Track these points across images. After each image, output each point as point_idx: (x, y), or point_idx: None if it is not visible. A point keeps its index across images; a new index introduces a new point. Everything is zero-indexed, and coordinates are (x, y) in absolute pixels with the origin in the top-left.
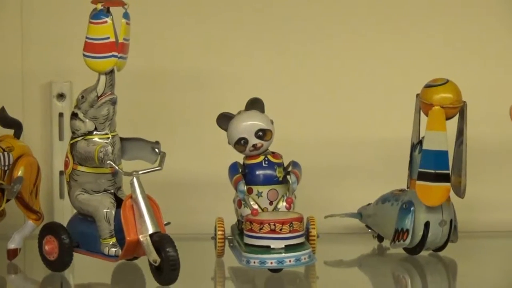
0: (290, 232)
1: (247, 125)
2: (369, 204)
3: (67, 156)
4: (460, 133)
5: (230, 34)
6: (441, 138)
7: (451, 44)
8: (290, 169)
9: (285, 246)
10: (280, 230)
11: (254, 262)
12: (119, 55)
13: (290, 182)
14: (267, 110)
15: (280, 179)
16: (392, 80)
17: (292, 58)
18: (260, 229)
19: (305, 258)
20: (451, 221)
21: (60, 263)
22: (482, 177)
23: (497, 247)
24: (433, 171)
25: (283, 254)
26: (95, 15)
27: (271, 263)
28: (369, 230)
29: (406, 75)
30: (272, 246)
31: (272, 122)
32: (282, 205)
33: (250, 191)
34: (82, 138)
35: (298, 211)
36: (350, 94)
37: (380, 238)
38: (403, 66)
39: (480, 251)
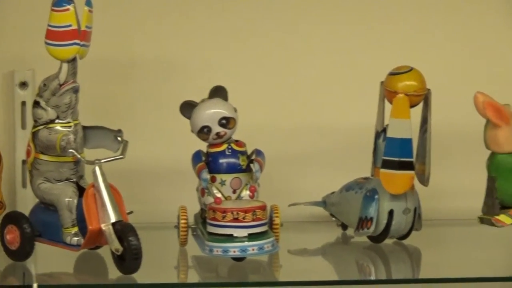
0: (253, 220)
1: (210, 113)
2: (333, 193)
3: (29, 145)
4: (424, 121)
5: (193, 23)
6: (405, 126)
7: (415, 31)
8: (253, 157)
9: (248, 234)
10: (243, 218)
11: (217, 251)
12: (81, 43)
13: (254, 170)
14: (230, 98)
15: (244, 167)
16: (356, 68)
17: (255, 46)
18: (223, 217)
19: (268, 247)
20: (415, 209)
21: (21, 253)
22: (446, 165)
23: (460, 235)
24: (397, 159)
25: (246, 242)
26: (57, 3)
27: (234, 251)
28: (333, 219)
29: (370, 62)
30: (235, 235)
31: (235, 110)
32: (246, 193)
33: (213, 180)
34: (44, 127)
35: (262, 199)
36: (314, 82)
37: (344, 227)
38: (367, 54)
39: (444, 239)
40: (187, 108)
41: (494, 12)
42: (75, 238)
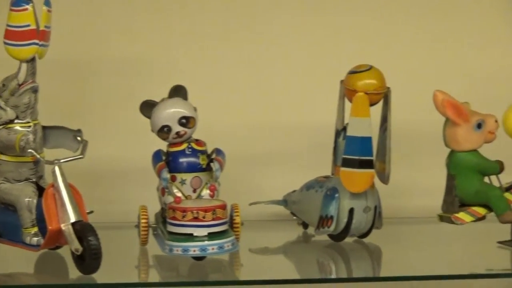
0: (213, 219)
1: (170, 112)
2: (294, 191)
3: None
4: (384, 119)
5: (153, 21)
6: (365, 125)
7: (375, 30)
8: (213, 156)
9: (208, 233)
10: (203, 217)
11: (177, 250)
12: (40, 43)
13: (214, 169)
14: (190, 98)
15: (204, 166)
16: (316, 67)
17: (216, 45)
18: (183, 217)
19: (228, 246)
20: (375, 207)
21: None
22: (406, 163)
23: (420, 232)
24: (357, 157)
25: (206, 242)
26: (16, 2)
27: (194, 251)
28: (294, 217)
29: (330, 61)
30: (195, 234)
31: (195, 109)
32: (206, 192)
33: (173, 179)
34: (3, 127)
35: (222, 198)
36: (274, 81)
37: (305, 225)
38: (327, 53)
39: (404, 237)
40: (147, 107)
41: (453, 11)
42: (35, 238)
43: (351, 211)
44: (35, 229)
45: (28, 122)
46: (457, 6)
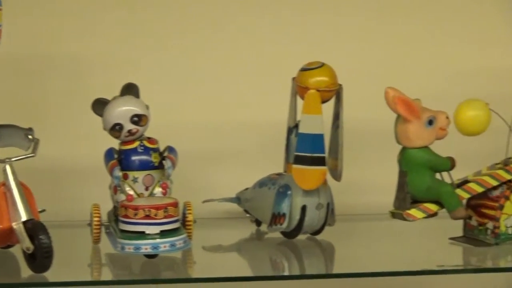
0: (165, 217)
1: (122, 110)
2: (247, 189)
3: None
4: (337, 116)
5: (104, 19)
6: (317, 122)
7: (326, 27)
8: (166, 154)
9: (160, 231)
10: (155, 215)
11: (129, 248)
12: None
13: (166, 167)
14: (142, 95)
15: (156, 164)
16: (268, 64)
17: (167, 42)
18: (135, 214)
19: (180, 244)
20: (328, 204)
21: None
22: (359, 160)
23: (373, 229)
24: (309, 154)
25: (158, 239)
26: None
27: (146, 249)
28: (247, 215)
29: (282, 58)
30: (147, 232)
31: (147, 107)
32: (158, 190)
33: (125, 177)
34: None
35: (175, 196)
36: (226, 78)
37: (258, 223)
38: (279, 50)
39: (357, 233)
40: (99, 105)
41: (404, 7)
42: None
43: (303, 208)
44: None
45: None
46: (408, 3)
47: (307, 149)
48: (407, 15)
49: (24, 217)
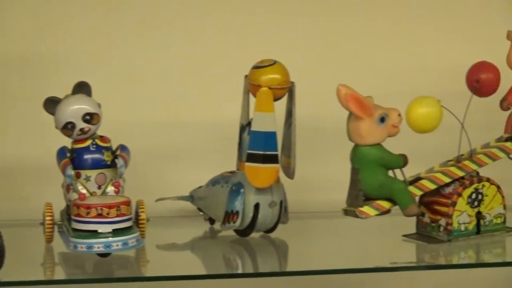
0: (117, 216)
1: (74, 109)
2: (200, 187)
3: None
4: (289, 114)
5: (57, 18)
6: (269, 119)
7: (279, 24)
8: (118, 152)
9: (113, 230)
10: (108, 214)
11: (82, 247)
12: None
13: (118, 165)
14: (94, 94)
15: (109, 163)
16: (221, 62)
17: (119, 39)
18: (87, 213)
19: (132, 242)
20: (281, 202)
21: None
22: (311, 157)
23: (326, 226)
24: (261, 152)
25: (110, 238)
26: None
27: (98, 247)
28: (201, 213)
29: (234, 56)
30: (99, 231)
31: (99, 105)
32: (111, 189)
33: (78, 176)
34: None
35: (128, 194)
36: (181, 77)
37: (212, 221)
38: (231, 48)
39: (310, 231)
40: (51, 104)
41: (356, 4)
42: None
43: (256, 206)
44: None
45: None
46: (360, 1)
47: (259, 147)
48: (359, 12)
49: None
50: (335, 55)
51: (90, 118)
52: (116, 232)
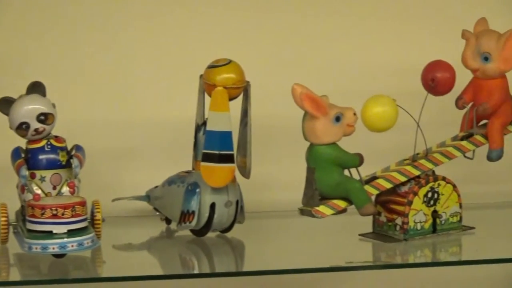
0: (72, 216)
1: (28, 109)
2: (156, 187)
3: None
4: (245, 113)
5: (8, 16)
6: (224, 119)
7: (234, 23)
8: (73, 153)
9: (68, 230)
10: (62, 215)
11: (36, 248)
12: None
13: (73, 166)
14: (49, 94)
15: (64, 163)
16: (176, 61)
17: (73, 39)
18: (42, 214)
19: (88, 243)
20: (237, 201)
21: None
22: (267, 157)
23: (283, 226)
24: (217, 152)
25: (66, 239)
26: None
27: (53, 248)
28: (157, 213)
29: (189, 55)
30: (54, 231)
31: (54, 105)
32: (66, 189)
33: (33, 176)
34: None
35: (84, 195)
36: (134, 76)
37: (168, 221)
38: (186, 47)
39: (267, 231)
40: (5, 104)
41: (311, 3)
42: None
43: (212, 205)
44: None
45: None
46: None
47: (215, 147)
48: (314, 11)
49: None
50: (291, 54)
51: (45, 118)
52: (71, 233)
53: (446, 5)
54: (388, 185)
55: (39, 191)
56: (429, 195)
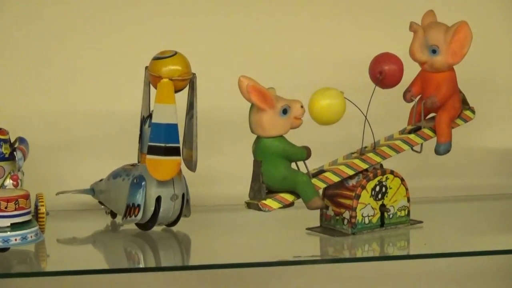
0: (15, 210)
1: None
2: (101, 180)
3: None
4: (191, 105)
5: None
6: (170, 111)
7: (180, 15)
8: (16, 145)
9: (11, 224)
10: (5, 208)
11: None
12: None
13: (17, 158)
14: None
15: (7, 155)
16: (121, 52)
17: (14, 31)
18: None
19: (31, 236)
20: (183, 195)
21: None
22: (214, 150)
23: (229, 220)
24: (162, 144)
25: (9, 232)
26: None
27: None
28: (102, 206)
29: (135, 47)
30: None
31: None
32: (9, 182)
33: None
34: None
35: (28, 188)
36: (79, 67)
37: (113, 214)
38: (131, 38)
39: (213, 224)
40: None
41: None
42: None
43: (158, 199)
44: None
45: None
46: None
47: (160, 139)
48: (261, 4)
49: None
50: (237, 46)
51: None
52: (14, 226)
53: None
54: (336, 179)
55: None
56: (377, 188)
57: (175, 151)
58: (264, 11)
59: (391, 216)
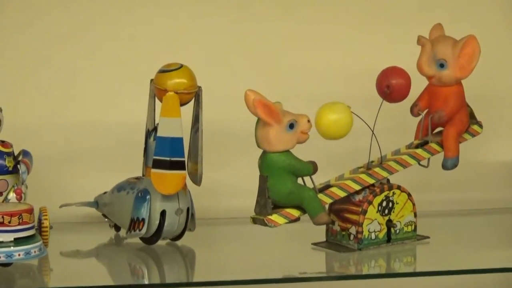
0: (19, 224)
1: None
2: (105, 193)
3: None
4: (196, 119)
5: None
6: (175, 125)
7: (186, 28)
8: (20, 158)
9: (14, 239)
10: (9, 222)
11: None
12: None
13: (20, 172)
14: None
15: (10, 169)
16: (127, 65)
17: (19, 41)
18: None
19: (35, 251)
20: (188, 209)
21: None
22: (219, 164)
23: (235, 234)
24: (168, 158)
25: (12, 247)
26: None
27: (0, 257)
28: (106, 219)
29: (140, 59)
30: (0, 240)
31: (0, 109)
32: (12, 196)
33: None
34: None
35: (31, 201)
36: (84, 79)
37: (117, 228)
38: (137, 51)
39: (218, 239)
40: None
41: (265, 8)
42: None
43: (163, 213)
44: None
45: None
46: (270, 4)
47: (165, 153)
48: (267, 16)
49: None
50: (244, 59)
51: None
52: (18, 241)
53: (402, 11)
54: (342, 194)
55: None
56: (384, 204)
57: (180, 165)
58: (271, 24)
59: (397, 231)
